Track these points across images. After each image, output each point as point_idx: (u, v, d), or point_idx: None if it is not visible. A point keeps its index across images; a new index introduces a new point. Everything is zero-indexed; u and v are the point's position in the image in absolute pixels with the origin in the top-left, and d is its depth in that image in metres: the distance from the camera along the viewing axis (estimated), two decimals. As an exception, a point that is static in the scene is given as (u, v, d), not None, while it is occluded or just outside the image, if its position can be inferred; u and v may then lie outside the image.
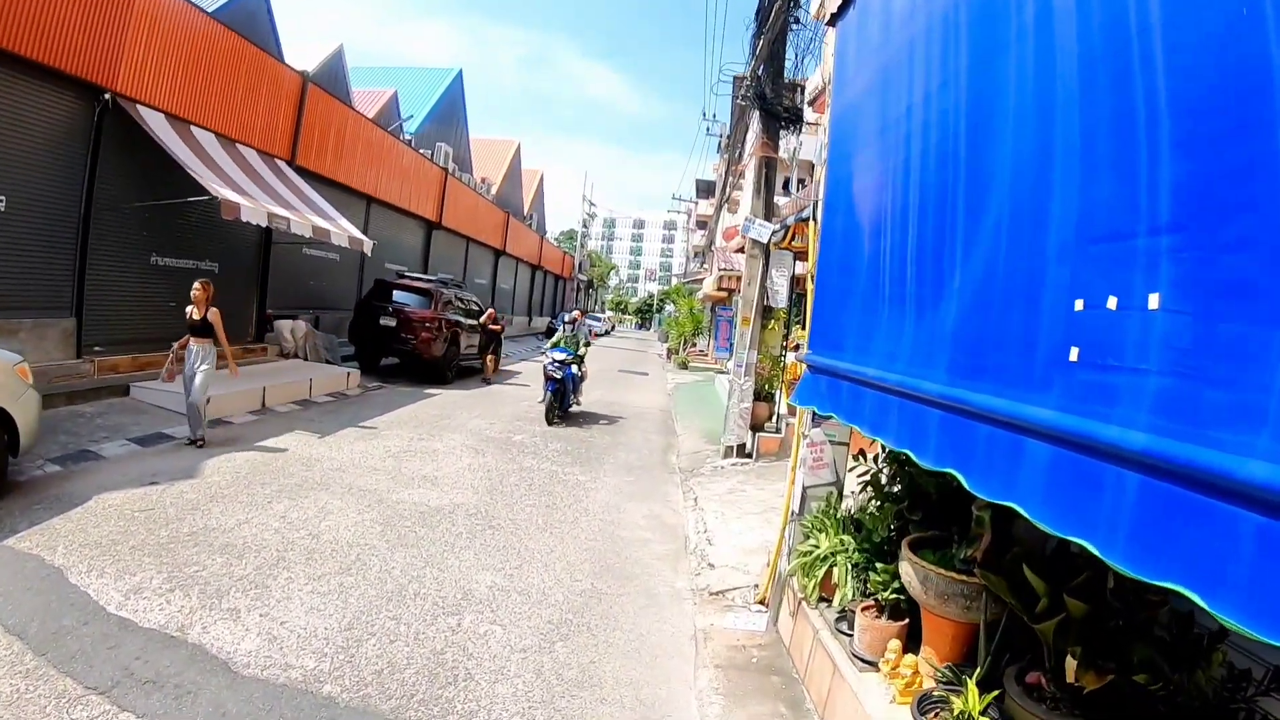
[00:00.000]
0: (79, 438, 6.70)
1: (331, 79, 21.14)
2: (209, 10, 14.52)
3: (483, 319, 15.71)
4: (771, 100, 9.19)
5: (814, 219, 4.23)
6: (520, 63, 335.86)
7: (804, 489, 4.13)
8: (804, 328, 11.75)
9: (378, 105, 24.44)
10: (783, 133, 9.75)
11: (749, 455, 9.45)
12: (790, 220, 10.24)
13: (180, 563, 4.31)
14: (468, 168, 33.27)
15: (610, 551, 5.64)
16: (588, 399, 15.08)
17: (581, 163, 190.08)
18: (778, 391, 9.90)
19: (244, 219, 8.37)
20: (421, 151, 22.90)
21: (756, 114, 9.76)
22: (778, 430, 9.66)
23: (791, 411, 9.99)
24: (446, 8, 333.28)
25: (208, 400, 7.79)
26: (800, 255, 9.44)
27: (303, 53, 20.88)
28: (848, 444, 4.19)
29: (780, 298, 9.42)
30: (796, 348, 11.12)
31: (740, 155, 23.89)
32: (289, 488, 5.98)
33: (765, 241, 9.18)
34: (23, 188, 7.90)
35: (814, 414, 4.00)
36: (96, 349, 9.04)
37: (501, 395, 13.48)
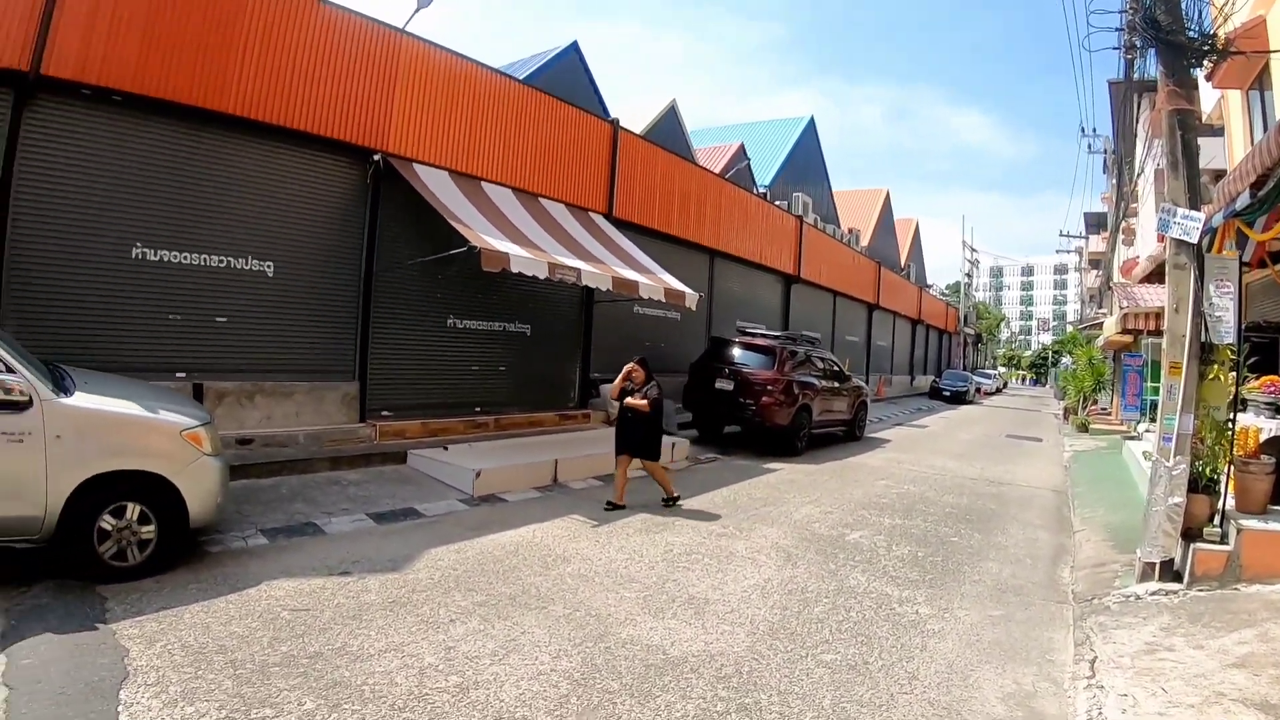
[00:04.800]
0: (316, 507, 6.25)
1: (667, 135, 21.27)
2: (524, 75, 15.34)
3: (619, 380, 7.70)
4: (1171, 27, 5.57)
5: None
6: (884, 119, 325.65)
7: None
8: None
9: (723, 160, 24.36)
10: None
11: (1178, 576, 5.19)
12: (1219, 218, 5.66)
13: (258, 699, 3.07)
14: (833, 219, 31.67)
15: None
16: (967, 472, 11.20)
17: (958, 211, 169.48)
18: (1222, 475, 5.34)
19: (513, 270, 7.67)
20: (777, 203, 21.88)
21: (1152, 64, 5.98)
22: (1223, 539, 5.21)
23: (1243, 508, 5.46)
24: (804, 76, 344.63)
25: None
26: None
27: (632, 112, 21.46)
28: None
29: (1225, 329, 5.48)
30: (1244, 405, 5.82)
31: (1133, 167, 17.56)
32: (495, 600, 4.47)
33: (1196, 241, 5.51)
34: (293, 254, 7.94)
35: None
36: (384, 414, 8.77)
37: (856, 471, 10.62)
